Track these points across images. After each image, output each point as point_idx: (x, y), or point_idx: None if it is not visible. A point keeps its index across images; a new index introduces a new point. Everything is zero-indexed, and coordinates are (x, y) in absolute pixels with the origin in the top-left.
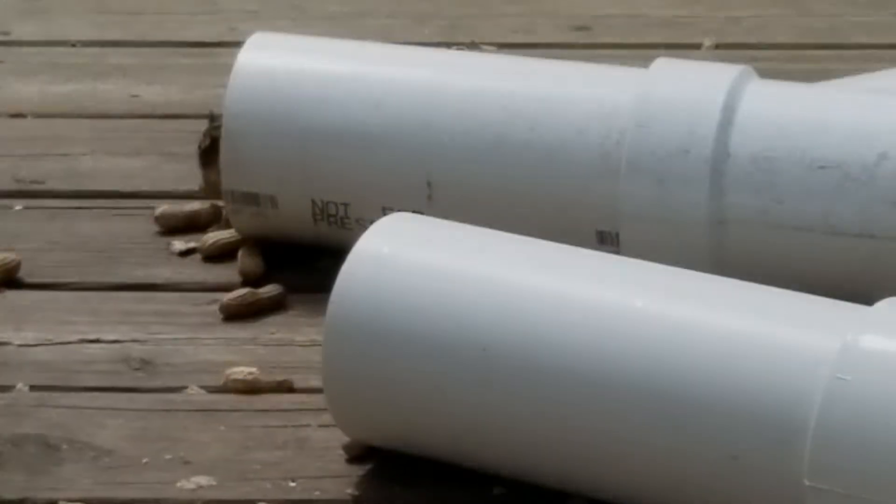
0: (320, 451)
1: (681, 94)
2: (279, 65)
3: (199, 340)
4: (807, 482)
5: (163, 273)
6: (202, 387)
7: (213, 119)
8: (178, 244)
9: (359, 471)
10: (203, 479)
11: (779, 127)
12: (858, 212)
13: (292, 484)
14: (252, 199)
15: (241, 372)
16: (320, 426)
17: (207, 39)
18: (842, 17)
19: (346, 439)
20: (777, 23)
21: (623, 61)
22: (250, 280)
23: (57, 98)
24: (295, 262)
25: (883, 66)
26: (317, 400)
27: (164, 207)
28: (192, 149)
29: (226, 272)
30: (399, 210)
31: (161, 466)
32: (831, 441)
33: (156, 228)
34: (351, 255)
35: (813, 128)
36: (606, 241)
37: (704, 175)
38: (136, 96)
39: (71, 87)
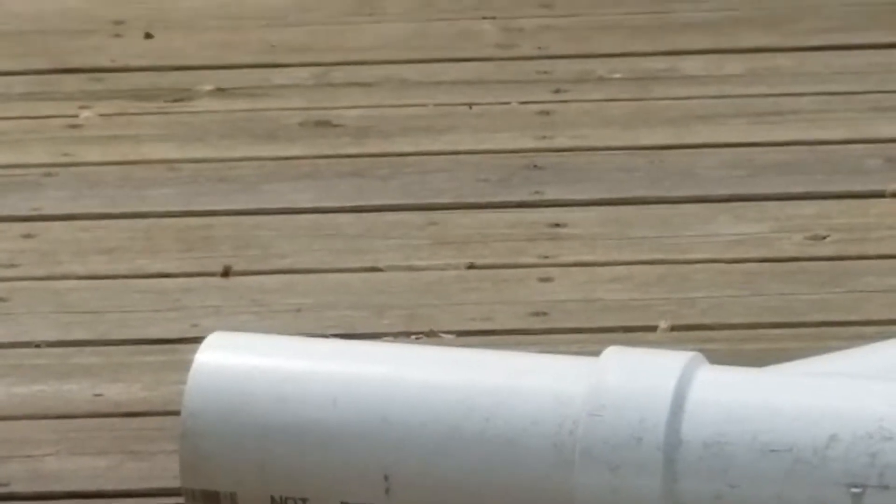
0: None
1: (632, 383)
2: (236, 364)
3: None
4: None
5: None
6: None
7: None
8: None
9: None
10: None
11: (729, 412)
12: (810, 495)
13: None
14: (212, 497)
15: None
16: None
17: (170, 336)
18: (795, 296)
19: None
20: (731, 303)
21: (580, 345)
22: None
23: (21, 399)
24: None
25: (837, 344)
26: None
27: None
28: (155, 447)
29: None
30: None
31: None
32: None
33: None
34: None
35: (763, 412)
36: None
37: (657, 462)
38: (99, 395)
39: (35, 388)
